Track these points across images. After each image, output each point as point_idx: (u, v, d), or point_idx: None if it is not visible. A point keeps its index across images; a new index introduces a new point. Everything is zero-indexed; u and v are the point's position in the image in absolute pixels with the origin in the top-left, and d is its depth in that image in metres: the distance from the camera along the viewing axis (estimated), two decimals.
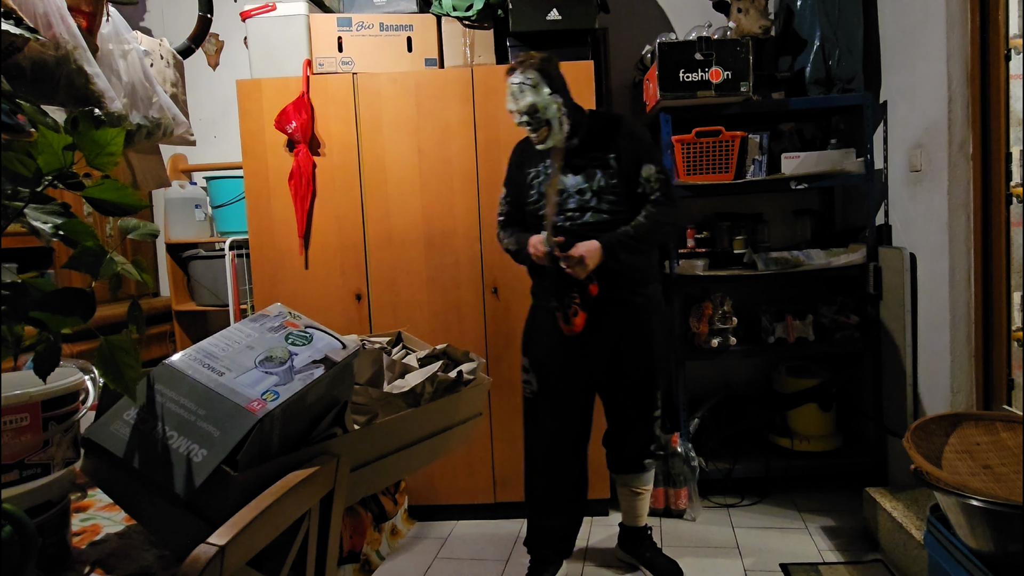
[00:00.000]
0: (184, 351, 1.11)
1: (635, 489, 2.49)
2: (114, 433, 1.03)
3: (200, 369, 1.07)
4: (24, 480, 0.97)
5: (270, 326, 1.18)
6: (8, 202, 0.81)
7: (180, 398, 1.03)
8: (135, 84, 1.80)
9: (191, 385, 1.04)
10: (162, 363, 1.08)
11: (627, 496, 2.52)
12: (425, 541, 2.88)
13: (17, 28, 1.21)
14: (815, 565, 2.50)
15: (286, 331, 1.16)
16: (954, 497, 1.71)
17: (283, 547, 1.00)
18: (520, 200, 2.34)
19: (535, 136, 2.21)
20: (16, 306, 0.79)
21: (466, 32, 2.92)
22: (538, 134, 2.19)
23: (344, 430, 1.17)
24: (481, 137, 2.88)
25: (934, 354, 2.63)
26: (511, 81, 2.17)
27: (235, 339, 1.14)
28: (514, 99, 2.17)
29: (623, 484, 2.51)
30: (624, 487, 2.51)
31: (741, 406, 3.37)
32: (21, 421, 0.97)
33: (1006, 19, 2.34)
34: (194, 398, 1.03)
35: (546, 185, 2.22)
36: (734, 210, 3.31)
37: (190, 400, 1.03)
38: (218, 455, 0.96)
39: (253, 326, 1.18)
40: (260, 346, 1.13)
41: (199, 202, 3.42)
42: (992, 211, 2.43)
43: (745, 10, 2.95)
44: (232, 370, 1.07)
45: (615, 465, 2.50)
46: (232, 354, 1.10)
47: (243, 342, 1.14)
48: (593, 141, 2.25)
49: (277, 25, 2.92)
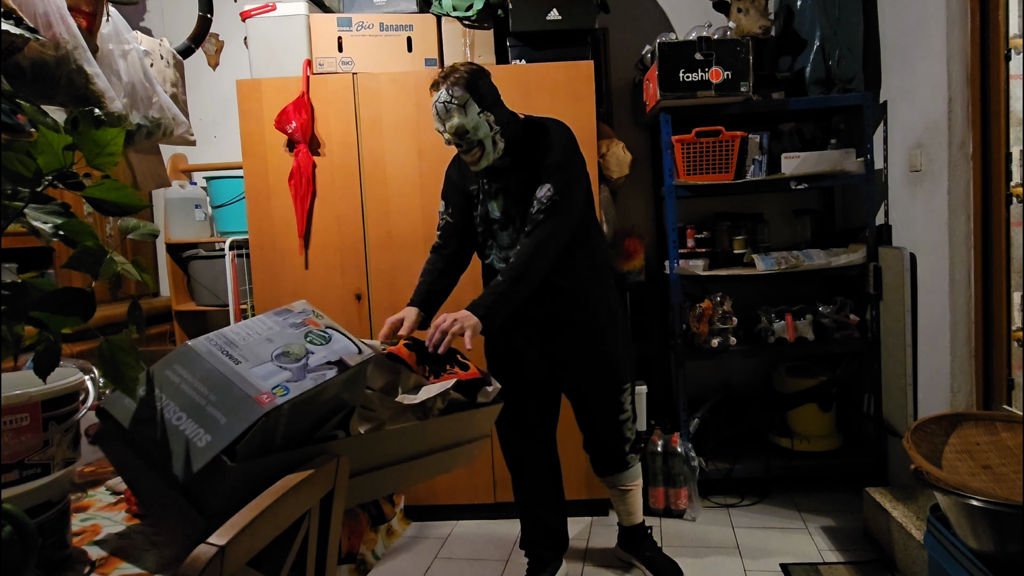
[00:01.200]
0: (207, 335, 1.12)
1: (621, 487, 2.48)
2: (128, 407, 1.04)
3: (218, 355, 1.07)
4: (24, 480, 0.97)
5: (292, 322, 1.18)
6: (8, 202, 0.81)
7: (195, 381, 1.04)
8: (135, 84, 1.80)
9: (207, 370, 1.05)
10: (184, 343, 1.09)
11: (616, 496, 2.51)
12: (425, 541, 2.88)
13: (17, 28, 1.21)
14: (815, 565, 2.50)
15: (306, 329, 1.16)
16: (954, 497, 1.71)
17: (283, 547, 1.00)
18: (463, 214, 2.22)
19: (467, 157, 2.05)
20: (16, 306, 0.80)
21: (466, 32, 2.92)
22: (470, 155, 2.03)
23: (347, 434, 1.17)
24: None
25: (934, 354, 2.63)
26: (436, 99, 1.99)
27: (256, 330, 1.14)
28: (439, 120, 2.00)
29: (610, 485, 2.49)
30: (611, 488, 2.50)
31: (741, 406, 3.37)
32: (21, 421, 0.97)
33: (1006, 19, 2.34)
34: (207, 383, 1.03)
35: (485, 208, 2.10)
36: (734, 210, 3.31)
37: (203, 384, 1.03)
38: (220, 443, 0.96)
39: (276, 320, 1.18)
40: (279, 340, 1.13)
41: (199, 202, 3.42)
42: (992, 211, 2.43)
43: (745, 10, 2.95)
44: (248, 360, 1.07)
45: (597, 468, 2.48)
46: (251, 344, 1.11)
47: (264, 334, 1.14)
48: (526, 158, 2.07)
49: (277, 25, 2.92)
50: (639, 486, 2.51)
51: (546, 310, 2.18)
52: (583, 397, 2.35)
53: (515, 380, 2.24)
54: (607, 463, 2.43)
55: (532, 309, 2.12)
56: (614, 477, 2.46)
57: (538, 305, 2.12)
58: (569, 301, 2.19)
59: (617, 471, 2.44)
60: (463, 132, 1.99)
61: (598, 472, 2.49)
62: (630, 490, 2.49)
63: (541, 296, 2.08)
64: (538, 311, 2.17)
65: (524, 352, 2.27)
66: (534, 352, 2.27)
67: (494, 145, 2.03)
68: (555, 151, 2.05)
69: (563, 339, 2.24)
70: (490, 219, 2.16)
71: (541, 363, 2.29)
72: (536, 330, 2.24)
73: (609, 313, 2.28)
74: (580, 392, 2.34)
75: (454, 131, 1.99)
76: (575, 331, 2.23)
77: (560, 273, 2.11)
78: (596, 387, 2.31)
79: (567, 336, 2.24)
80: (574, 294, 2.19)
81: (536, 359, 2.28)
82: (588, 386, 2.32)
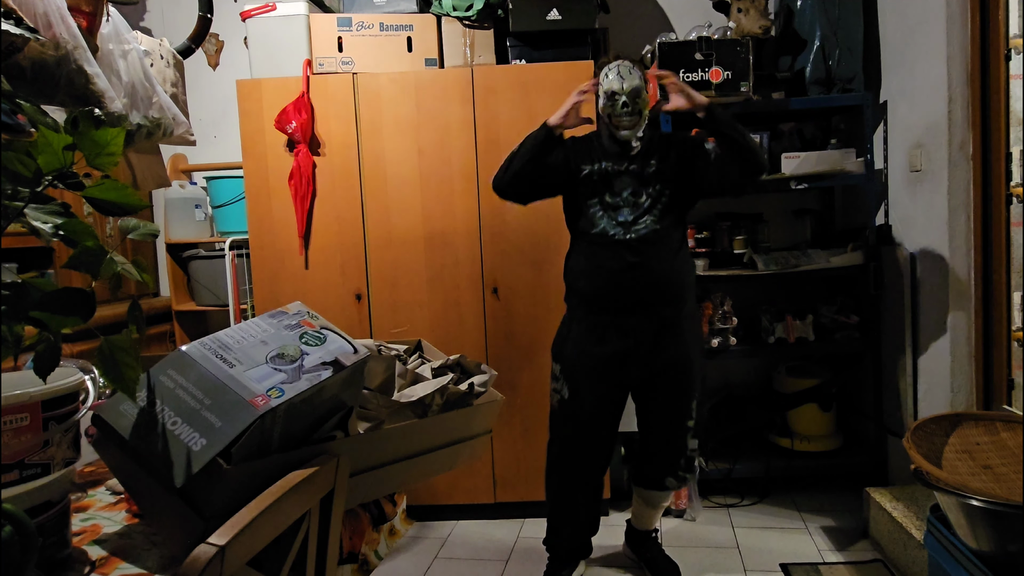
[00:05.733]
0: (201, 339, 1.12)
1: (653, 504, 2.44)
2: (123, 413, 1.04)
3: (212, 359, 1.07)
4: (24, 480, 0.97)
5: (287, 323, 1.18)
6: (8, 202, 0.81)
7: (189, 385, 1.04)
8: (135, 84, 1.80)
9: (201, 374, 1.05)
10: (178, 349, 1.09)
11: (642, 507, 2.47)
12: (425, 541, 2.88)
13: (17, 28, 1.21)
14: (815, 565, 2.50)
15: (301, 330, 1.16)
16: (954, 497, 1.71)
17: (283, 547, 1.00)
18: (549, 182, 2.29)
19: (627, 120, 2.18)
20: (16, 306, 0.79)
21: (466, 32, 2.92)
22: (631, 119, 2.18)
23: (346, 434, 1.17)
24: (481, 137, 2.88)
25: (934, 354, 2.63)
26: (619, 63, 2.17)
27: (251, 333, 1.15)
28: (621, 79, 2.15)
29: (642, 497, 2.45)
30: (641, 500, 2.45)
31: (741, 406, 3.36)
32: (21, 421, 0.97)
33: (1006, 19, 2.34)
34: (202, 387, 1.03)
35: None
36: (734, 210, 3.31)
37: (198, 388, 1.03)
38: (216, 446, 0.97)
39: (271, 322, 1.18)
40: (274, 342, 1.13)
41: (199, 202, 3.42)
42: (992, 211, 2.43)
43: (745, 10, 2.95)
44: (243, 363, 1.07)
45: (639, 478, 2.43)
46: (246, 347, 1.11)
47: (258, 336, 1.14)
48: (647, 148, 2.27)
49: (277, 25, 2.92)
50: (666, 506, 2.52)
51: (670, 309, 2.22)
52: (659, 402, 2.29)
53: (595, 386, 2.24)
54: (653, 475, 2.36)
55: (661, 311, 2.20)
56: (652, 493, 2.40)
57: (665, 307, 2.21)
58: (686, 303, 2.27)
59: (658, 488, 2.37)
60: (638, 94, 2.16)
61: (638, 483, 2.43)
62: (660, 508, 2.46)
63: (667, 298, 2.20)
64: (667, 313, 2.21)
65: (624, 361, 2.23)
66: (636, 361, 2.23)
67: (644, 120, 2.21)
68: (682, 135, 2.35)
69: (670, 345, 2.22)
70: (614, 194, 2.23)
71: (641, 369, 2.24)
72: (646, 336, 2.21)
73: (697, 315, 2.35)
74: (657, 397, 2.29)
75: (631, 90, 2.15)
76: (680, 336, 2.24)
77: (681, 272, 2.25)
78: (676, 392, 2.27)
79: (675, 342, 2.23)
80: (685, 290, 2.26)
81: (637, 368, 2.24)
82: (670, 390, 2.27)
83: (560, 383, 2.31)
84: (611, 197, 2.22)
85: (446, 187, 2.90)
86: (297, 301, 1.27)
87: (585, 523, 2.42)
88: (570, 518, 2.39)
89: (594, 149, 2.27)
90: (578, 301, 2.29)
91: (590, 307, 2.25)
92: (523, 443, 2.95)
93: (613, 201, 2.22)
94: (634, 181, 2.22)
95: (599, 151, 2.27)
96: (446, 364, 1.54)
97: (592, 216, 2.24)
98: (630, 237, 2.18)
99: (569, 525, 2.40)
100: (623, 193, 2.22)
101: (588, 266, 2.25)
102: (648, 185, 2.22)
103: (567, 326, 2.33)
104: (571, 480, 2.35)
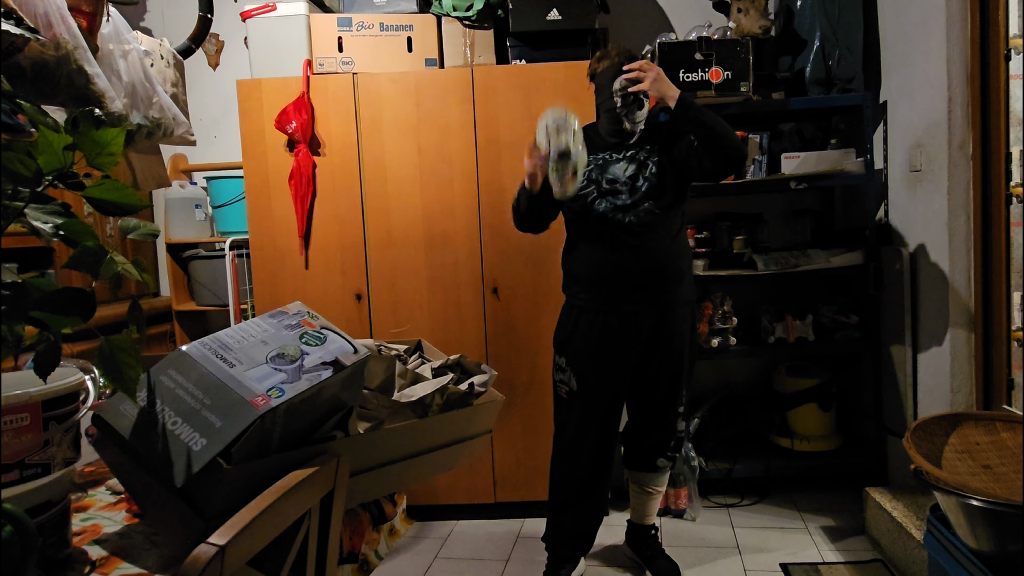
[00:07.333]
0: (201, 339, 1.12)
1: (648, 488, 2.49)
2: (123, 413, 1.04)
3: (212, 359, 1.07)
4: (24, 480, 0.97)
5: (287, 323, 1.18)
6: (8, 202, 0.81)
7: (189, 385, 1.04)
8: (135, 84, 1.80)
9: (201, 374, 1.05)
10: (178, 349, 1.09)
11: (638, 494, 2.52)
12: (425, 541, 2.88)
13: (17, 28, 1.21)
14: (815, 565, 2.50)
15: (301, 330, 1.17)
16: (954, 497, 1.71)
17: (283, 547, 1.00)
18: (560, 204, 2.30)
19: (635, 112, 2.23)
20: (16, 306, 0.80)
21: (466, 32, 2.92)
22: (630, 108, 2.22)
23: (346, 434, 1.17)
24: (481, 137, 2.88)
25: (934, 354, 2.63)
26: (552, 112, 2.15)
27: (251, 333, 1.15)
28: (547, 139, 2.14)
29: (636, 482, 2.50)
30: (636, 485, 2.51)
31: (741, 406, 3.37)
32: (21, 421, 0.97)
33: (1006, 19, 2.34)
34: (202, 387, 1.03)
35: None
36: (734, 210, 3.31)
37: (198, 388, 1.03)
38: (216, 445, 0.97)
39: (271, 322, 1.18)
40: (274, 342, 1.13)
41: (199, 202, 3.42)
42: (992, 211, 2.43)
43: (745, 10, 2.95)
44: (243, 363, 1.07)
45: (631, 461, 2.49)
46: (246, 347, 1.11)
47: (258, 336, 1.14)
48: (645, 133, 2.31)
49: (277, 25, 2.92)
50: (662, 492, 2.54)
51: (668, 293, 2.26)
52: (654, 387, 2.35)
53: (603, 373, 2.29)
54: (644, 456, 2.44)
55: (661, 295, 2.25)
56: (644, 475, 2.47)
57: (665, 291, 2.25)
58: (684, 287, 2.31)
59: (649, 470, 2.45)
60: (565, 156, 2.14)
61: (630, 465, 2.50)
62: (653, 493, 2.50)
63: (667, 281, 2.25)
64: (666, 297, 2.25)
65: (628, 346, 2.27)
66: (637, 345, 2.28)
67: (644, 110, 2.25)
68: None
69: (668, 329, 2.28)
70: (612, 179, 2.25)
71: (640, 353, 2.29)
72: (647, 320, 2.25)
73: (692, 299, 2.37)
74: (652, 382, 2.34)
75: (557, 155, 2.13)
76: (680, 322, 2.30)
77: (679, 256, 2.29)
78: (670, 377, 2.33)
79: (673, 326, 2.28)
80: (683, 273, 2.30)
81: (637, 352, 2.29)
82: (664, 376, 2.32)
83: (567, 374, 2.33)
84: (609, 183, 2.25)
85: (446, 187, 2.90)
86: (297, 301, 1.27)
87: (589, 512, 2.43)
88: (574, 506, 2.41)
89: (592, 144, 2.28)
90: (578, 288, 2.32)
91: (590, 292, 2.27)
92: (523, 443, 2.95)
93: (611, 186, 2.25)
94: (632, 165, 2.26)
95: (599, 144, 2.31)
96: (446, 364, 1.54)
97: (591, 202, 2.26)
98: (630, 220, 2.22)
99: (573, 513, 2.41)
100: (622, 177, 2.25)
101: (588, 250, 2.28)
102: (645, 168, 2.25)
103: (569, 316, 2.35)
104: (580, 467, 2.37)
